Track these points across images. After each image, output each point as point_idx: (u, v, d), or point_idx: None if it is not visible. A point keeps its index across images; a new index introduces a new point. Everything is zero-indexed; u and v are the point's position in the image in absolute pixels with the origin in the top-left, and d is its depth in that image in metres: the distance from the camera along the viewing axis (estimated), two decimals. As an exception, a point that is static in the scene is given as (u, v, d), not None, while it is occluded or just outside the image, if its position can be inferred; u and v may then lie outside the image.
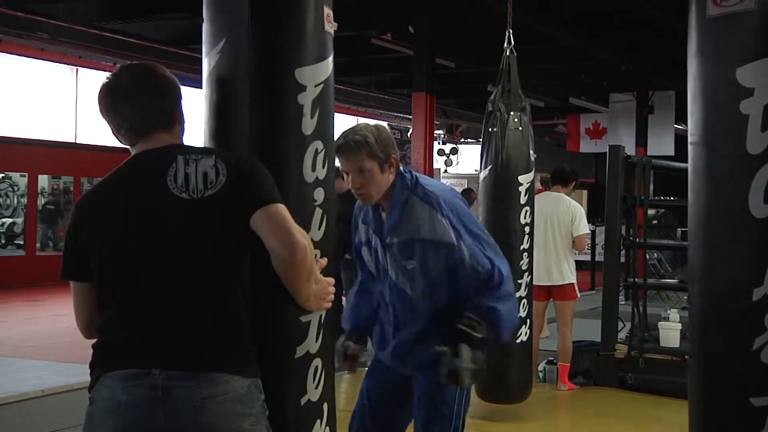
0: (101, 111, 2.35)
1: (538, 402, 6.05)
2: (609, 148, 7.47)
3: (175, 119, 2.36)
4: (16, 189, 15.95)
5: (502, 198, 5.62)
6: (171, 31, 12.20)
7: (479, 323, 3.06)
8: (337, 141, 3.13)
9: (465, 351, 3.02)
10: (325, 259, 2.43)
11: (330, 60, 2.55)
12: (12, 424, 5.93)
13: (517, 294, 5.60)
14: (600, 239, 13.11)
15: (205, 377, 2.14)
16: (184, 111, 2.39)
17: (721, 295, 2.40)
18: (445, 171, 22.30)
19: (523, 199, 5.60)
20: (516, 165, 5.58)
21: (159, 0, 10.90)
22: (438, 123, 19.19)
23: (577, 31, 11.75)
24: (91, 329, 2.32)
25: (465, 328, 3.05)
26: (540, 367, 7.16)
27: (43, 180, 16.14)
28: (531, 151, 5.68)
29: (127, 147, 2.37)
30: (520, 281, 5.62)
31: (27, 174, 15.60)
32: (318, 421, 2.52)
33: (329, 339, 2.57)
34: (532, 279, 5.79)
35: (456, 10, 11.03)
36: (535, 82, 14.74)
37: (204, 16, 2.53)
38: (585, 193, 18.88)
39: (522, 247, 5.61)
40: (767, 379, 2.26)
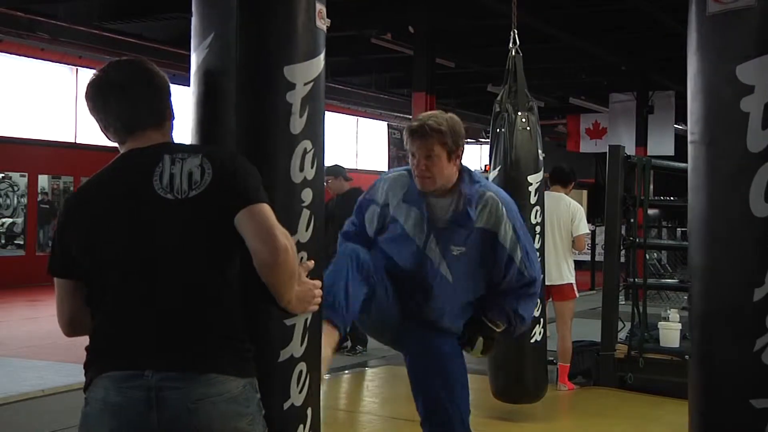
0: (89, 108, 2.32)
1: (538, 402, 6.03)
2: (609, 148, 7.46)
3: (165, 116, 2.33)
4: (16, 189, 15.95)
5: (512, 198, 5.61)
6: (171, 31, 12.20)
7: (502, 323, 3.37)
8: (413, 123, 3.38)
9: (479, 343, 3.37)
10: (312, 262, 2.39)
11: (322, 57, 2.49)
12: (12, 424, 5.92)
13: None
14: (600, 239, 13.11)
15: (199, 378, 2.12)
16: (173, 106, 2.35)
17: (722, 296, 2.38)
18: (445, 171, 22.24)
19: (534, 199, 5.59)
20: (525, 165, 5.57)
21: (159, 0, 10.89)
22: (438, 123, 19.16)
23: (577, 31, 11.75)
24: (74, 327, 2.32)
25: (488, 322, 3.35)
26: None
27: (43, 180, 16.14)
28: (539, 151, 5.67)
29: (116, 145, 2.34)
30: None
31: (27, 174, 15.60)
32: (301, 426, 2.47)
33: (315, 343, 2.51)
34: (543, 279, 5.78)
35: (456, 10, 11.02)
36: (535, 82, 14.70)
37: (193, 10, 2.47)
38: (585, 193, 18.89)
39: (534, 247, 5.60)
40: None
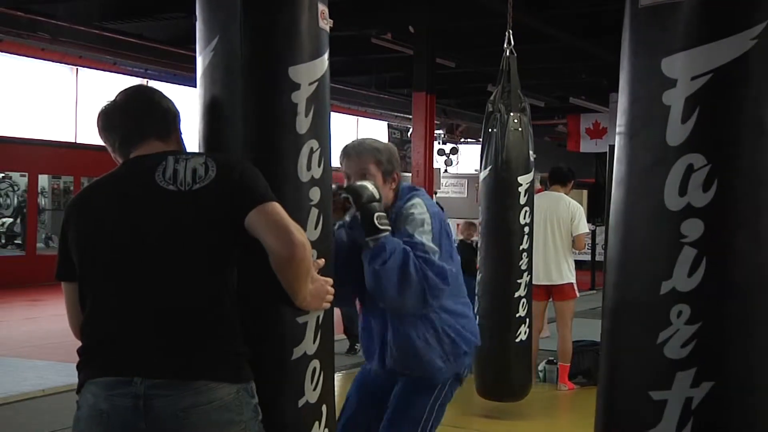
0: (100, 133, 2.36)
1: (538, 402, 6.05)
2: (609, 147, 7.48)
3: (170, 131, 2.35)
4: (16, 189, 15.95)
5: (502, 198, 5.65)
6: (171, 31, 12.18)
7: (383, 219, 3.04)
8: (348, 144, 3.27)
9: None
10: (323, 260, 2.40)
11: (325, 57, 2.51)
12: (12, 424, 5.93)
13: (516, 293, 5.64)
14: (600, 239, 13.11)
15: (189, 386, 2.09)
16: (181, 130, 2.38)
17: (631, 287, 2.38)
18: (445, 171, 22.28)
19: (523, 200, 5.62)
20: (516, 165, 5.60)
21: (159, 0, 10.89)
22: (438, 123, 19.19)
23: (577, 31, 11.74)
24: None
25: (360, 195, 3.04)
26: (540, 367, 7.16)
27: (43, 180, 16.14)
28: (531, 152, 5.69)
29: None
30: (519, 281, 5.64)
31: (27, 174, 15.61)
32: (317, 423, 2.48)
33: (327, 340, 2.52)
34: (531, 279, 5.80)
35: (456, 10, 11.02)
36: (535, 82, 14.73)
37: (197, 13, 2.49)
38: (585, 193, 18.89)
39: (521, 248, 5.64)
40: (668, 374, 2.24)
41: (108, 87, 13.32)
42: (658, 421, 2.26)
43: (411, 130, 12.30)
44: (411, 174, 10.97)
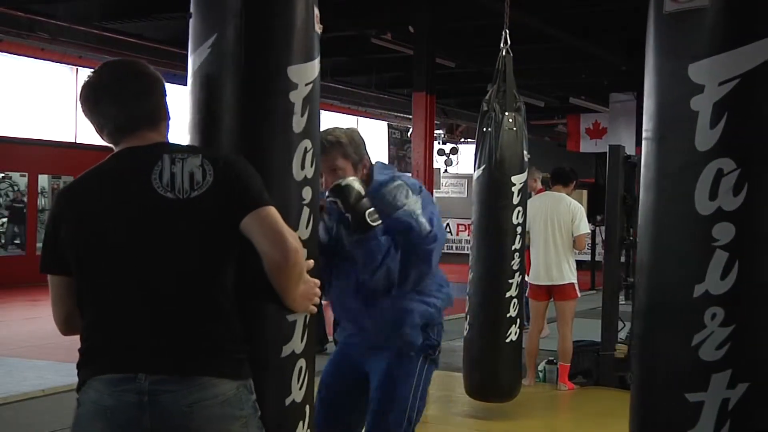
0: (84, 111, 2.33)
1: (538, 402, 6.05)
2: (609, 148, 7.48)
3: (161, 116, 2.33)
4: (16, 189, 15.95)
5: (495, 198, 5.64)
6: (171, 31, 12.18)
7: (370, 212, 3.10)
8: None
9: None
10: (312, 261, 2.41)
11: (318, 61, 2.55)
12: (12, 424, 5.93)
13: (508, 293, 5.64)
14: (600, 239, 13.09)
15: (193, 381, 2.12)
16: (169, 107, 2.35)
17: (664, 291, 2.42)
18: (445, 171, 22.28)
19: (516, 200, 5.61)
20: (509, 165, 5.60)
21: (159, 0, 10.88)
22: (438, 123, 19.18)
23: (577, 31, 11.74)
24: (69, 325, 2.31)
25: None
26: (540, 367, 7.16)
27: (43, 180, 16.14)
28: (525, 152, 5.69)
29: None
30: (510, 281, 5.64)
31: (27, 174, 15.60)
32: (301, 423, 2.50)
33: (312, 339, 2.55)
34: (523, 278, 5.83)
35: (456, 10, 11.02)
36: (535, 82, 14.73)
37: (192, 10, 2.49)
38: (585, 193, 18.88)
39: (513, 248, 5.63)
40: (704, 376, 2.28)
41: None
42: (695, 423, 2.30)
43: (411, 130, 12.30)
44: (411, 174, 10.97)
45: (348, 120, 21.48)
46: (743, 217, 2.24)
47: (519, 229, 5.66)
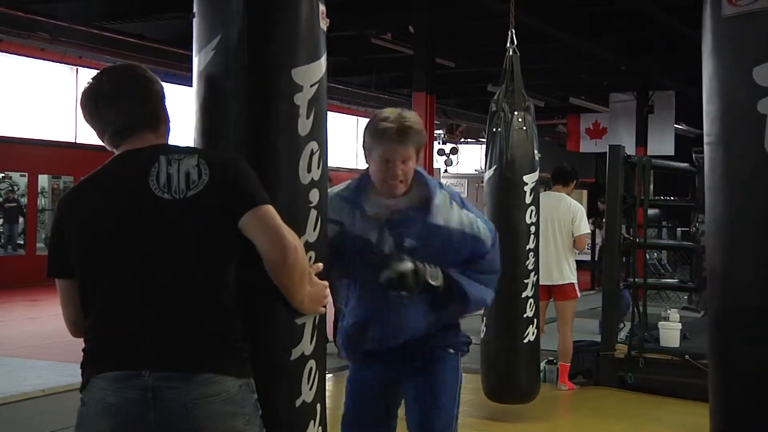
0: (85, 117, 2.35)
1: (538, 402, 6.04)
2: (609, 148, 7.47)
3: (161, 119, 2.34)
4: (16, 189, 15.95)
5: (507, 198, 5.61)
6: (171, 31, 12.19)
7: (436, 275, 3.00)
8: (388, 124, 2.93)
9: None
10: (321, 264, 2.40)
11: (324, 59, 2.51)
12: (12, 424, 5.93)
13: (524, 294, 5.60)
14: (600, 239, 13.09)
15: (196, 378, 2.13)
16: (168, 110, 2.36)
17: (741, 296, 2.40)
18: (445, 171, 22.27)
19: (528, 199, 5.59)
20: (521, 165, 5.57)
21: (159, 0, 10.89)
22: (438, 123, 19.19)
23: (577, 31, 11.75)
24: (79, 326, 2.32)
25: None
26: (540, 367, 7.16)
27: (43, 180, 16.14)
28: (535, 151, 5.67)
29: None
30: (526, 281, 5.60)
31: (27, 174, 15.60)
32: (312, 422, 2.51)
33: (322, 340, 2.55)
34: (538, 279, 5.78)
35: (456, 10, 11.03)
36: (535, 82, 14.73)
37: (195, 11, 2.47)
38: (585, 193, 18.88)
39: (528, 247, 5.60)
40: None
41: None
42: None
43: (411, 130, 12.28)
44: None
45: (348, 120, 21.47)
46: None
47: (533, 229, 5.62)
